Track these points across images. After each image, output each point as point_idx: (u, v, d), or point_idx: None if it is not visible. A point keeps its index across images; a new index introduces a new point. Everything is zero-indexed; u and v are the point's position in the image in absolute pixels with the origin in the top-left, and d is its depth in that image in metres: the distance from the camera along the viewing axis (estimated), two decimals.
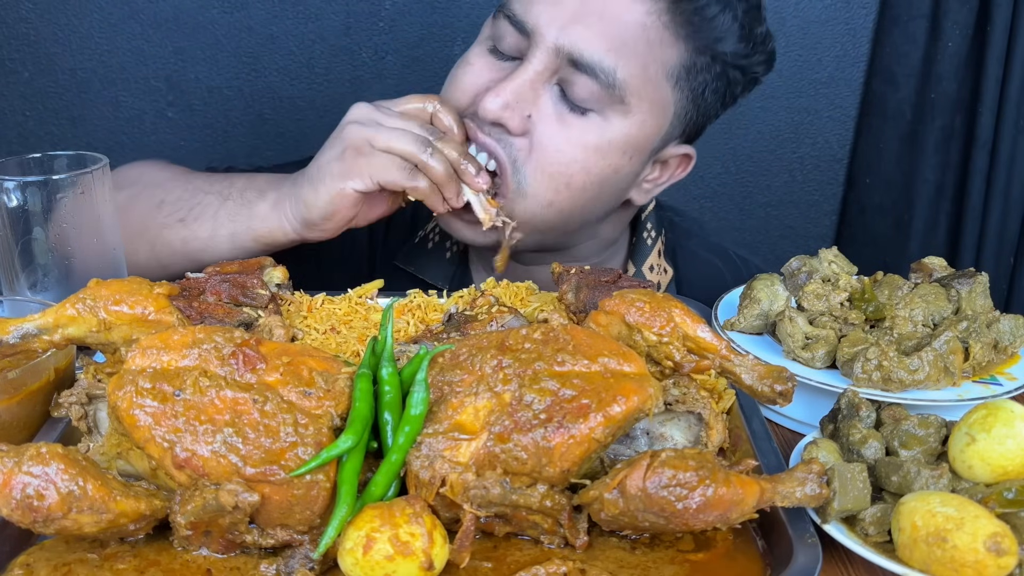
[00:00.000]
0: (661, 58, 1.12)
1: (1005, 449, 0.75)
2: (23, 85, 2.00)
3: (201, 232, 1.16)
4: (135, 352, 0.76)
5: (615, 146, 1.14)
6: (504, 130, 1.12)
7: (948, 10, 2.03)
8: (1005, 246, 2.19)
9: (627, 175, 1.20)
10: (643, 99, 1.13)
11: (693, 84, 1.16)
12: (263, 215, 1.13)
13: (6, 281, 1.03)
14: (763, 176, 2.29)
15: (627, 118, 1.13)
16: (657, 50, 1.11)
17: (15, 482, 0.66)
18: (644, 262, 1.36)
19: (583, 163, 1.14)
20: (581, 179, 1.15)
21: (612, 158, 1.15)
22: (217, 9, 1.98)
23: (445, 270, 1.34)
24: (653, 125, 1.16)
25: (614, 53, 1.09)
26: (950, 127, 2.12)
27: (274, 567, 0.72)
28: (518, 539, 0.75)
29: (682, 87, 1.16)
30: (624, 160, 1.16)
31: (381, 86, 2.06)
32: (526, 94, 1.11)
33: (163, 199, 1.20)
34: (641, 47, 1.10)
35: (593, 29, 1.08)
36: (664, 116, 1.17)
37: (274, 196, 1.14)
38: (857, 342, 0.96)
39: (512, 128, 1.11)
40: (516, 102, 1.10)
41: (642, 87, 1.12)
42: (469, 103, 1.15)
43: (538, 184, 1.14)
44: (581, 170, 1.14)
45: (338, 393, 0.75)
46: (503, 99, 1.10)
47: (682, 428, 0.81)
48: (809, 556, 0.71)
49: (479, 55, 1.18)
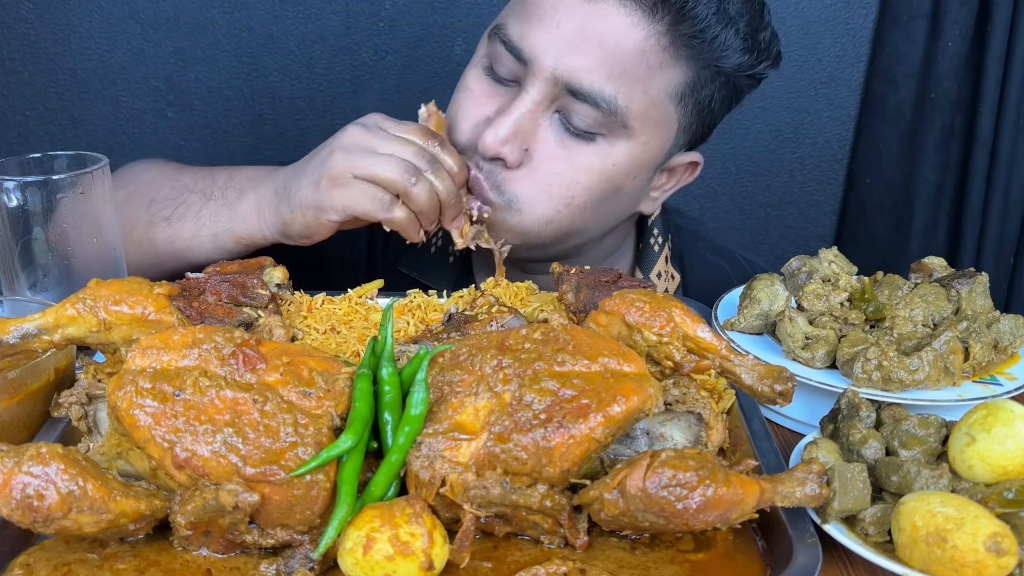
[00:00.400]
0: (663, 80, 1.10)
1: (1005, 449, 0.75)
2: (23, 85, 2.00)
3: (184, 232, 1.16)
4: (135, 352, 0.76)
5: (619, 168, 1.13)
6: (502, 164, 1.11)
7: (948, 10, 2.03)
8: (1005, 246, 2.19)
9: (632, 192, 1.19)
10: (647, 121, 1.11)
11: (698, 98, 1.15)
12: (243, 217, 1.14)
13: (6, 281, 1.03)
14: (763, 176, 2.29)
15: (631, 140, 1.12)
16: (658, 73, 1.09)
17: (15, 482, 0.66)
18: (652, 269, 1.35)
19: (585, 185, 1.13)
20: (583, 199, 1.14)
21: (616, 179, 1.14)
22: (217, 9, 1.98)
23: (448, 274, 1.34)
24: (657, 143, 1.15)
25: (614, 81, 1.07)
26: (950, 127, 2.12)
27: (274, 567, 0.72)
28: (518, 539, 0.75)
29: (686, 104, 1.14)
30: (628, 180, 1.16)
31: (381, 86, 2.06)
32: (525, 126, 1.10)
33: (153, 197, 1.21)
34: (641, 72, 1.08)
35: (591, 57, 1.06)
36: (669, 133, 1.16)
37: (254, 198, 1.13)
38: (857, 342, 0.96)
39: (510, 163, 1.10)
40: (515, 135, 1.09)
41: (645, 110, 1.10)
42: (470, 138, 1.13)
43: (536, 203, 1.12)
44: (583, 191, 1.13)
45: (338, 393, 0.75)
46: (502, 135, 1.08)
47: (682, 428, 0.81)
48: (809, 556, 0.71)
49: (477, 79, 1.16)
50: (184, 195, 1.19)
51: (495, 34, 1.13)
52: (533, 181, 1.12)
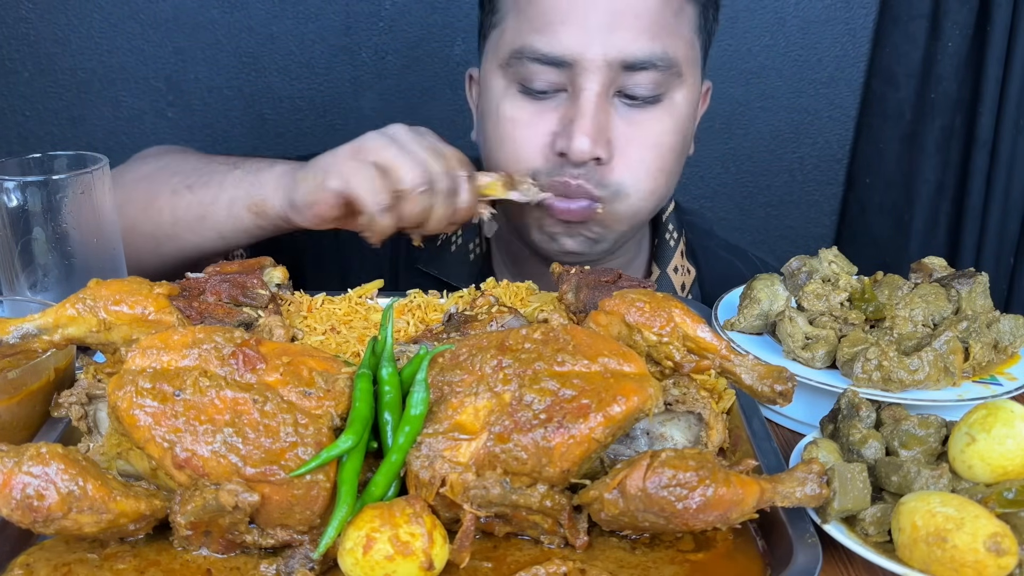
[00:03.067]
0: (686, 19, 1.17)
1: (1005, 449, 0.75)
2: (23, 85, 2.00)
3: (205, 197, 1.16)
4: (135, 352, 0.76)
5: (686, 117, 1.20)
6: (596, 162, 1.14)
7: (948, 10, 2.03)
8: (1005, 246, 2.19)
9: (693, 133, 1.27)
10: (689, 63, 1.18)
11: (706, 23, 1.22)
12: (263, 182, 1.14)
13: (6, 281, 1.03)
14: (763, 176, 2.29)
15: (684, 86, 1.18)
16: (682, 15, 1.16)
17: (15, 482, 0.66)
18: (668, 264, 1.37)
19: (669, 146, 1.18)
20: (671, 160, 1.20)
21: (686, 127, 1.21)
22: (217, 9, 1.98)
23: (469, 271, 1.35)
24: (697, 79, 1.22)
25: (658, 38, 1.12)
26: (950, 127, 2.12)
27: (274, 567, 0.72)
28: (518, 539, 0.75)
29: (701, 33, 1.21)
30: (691, 124, 1.24)
31: (381, 86, 2.06)
32: (602, 120, 1.13)
33: (177, 170, 1.22)
34: (671, 20, 1.14)
35: (631, 28, 1.11)
36: (699, 66, 1.23)
37: (281, 169, 1.14)
38: (857, 342, 0.96)
39: (604, 158, 1.14)
40: (599, 133, 1.12)
41: (687, 53, 1.17)
42: (544, 161, 1.15)
43: (639, 182, 1.17)
44: (670, 152, 1.19)
45: (338, 393, 0.75)
46: (590, 136, 1.11)
47: (682, 428, 0.81)
48: (809, 556, 0.71)
49: (517, 106, 1.17)
50: (212, 166, 1.20)
51: (519, 58, 1.14)
52: (627, 165, 1.16)
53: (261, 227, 1.15)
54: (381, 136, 1.09)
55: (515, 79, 1.16)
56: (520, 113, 1.16)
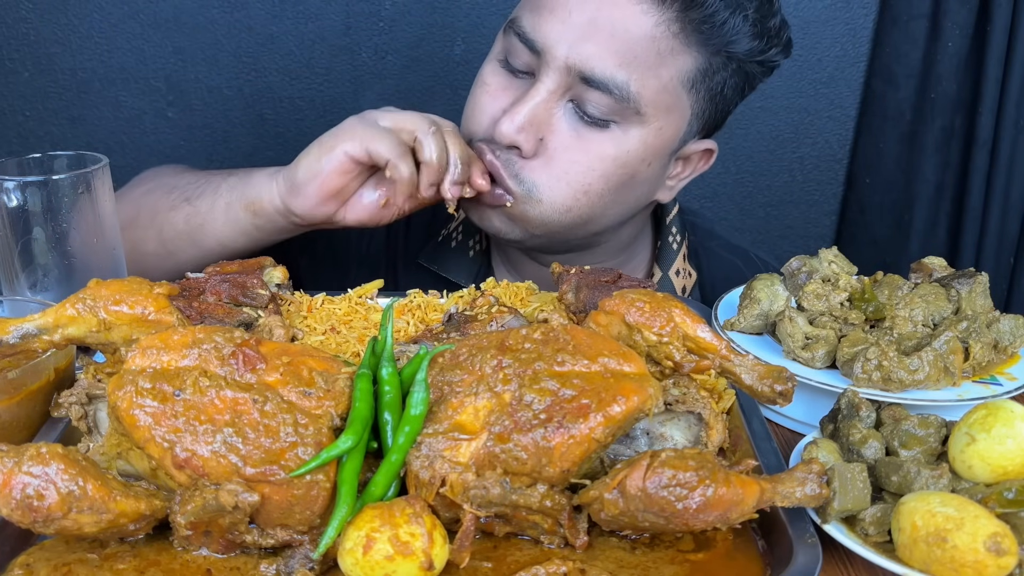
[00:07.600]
0: (674, 67, 1.11)
1: (1005, 449, 0.75)
2: (23, 85, 2.00)
3: (202, 207, 1.18)
4: (135, 352, 0.76)
5: (634, 155, 1.15)
6: (518, 152, 1.13)
7: (948, 10, 2.03)
8: (1005, 246, 2.19)
9: (648, 179, 1.20)
10: (659, 108, 1.13)
11: (710, 85, 1.16)
12: (256, 180, 1.15)
13: (6, 281, 1.03)
14: (763, 176, 2.29)
15: (644, 127, 1.13)
16: (669, 60, 1.11)
17: (15, 482, 0.66)
18: (671, 267, 1.37)
19: (601, 172, 1.14)
20: (600, 187, 1.15)
21: (631, 166, 1.16)
22: (217, 9, 1.98)
23: (469, 268, 1.36)
24: (671, 130, 1.17)
25: (625, 68, 1.08)
26: (950, 127, 2.12)
27: (274, 567, 0.72)
28: (518, 539, 0.75)
29: (698, 90, 1.15)
30: (643, 166, 1.17)
31: (381, 86, 2.06)
32: (540, 115, 1.12)
33: (175, 185, 1.23)
34: (652, 59, 1.09)
35: (603, 46, 1.08)
36: (682, 119, 1.17)
37: (273, 168, 1.16)
38: (857, 342, 0.96)
39: (525, 151, 1.13)
40: (530, 124, 1.11)
41: (657, 96, 1.12)
42: (487, 130, 1.16)
43: (554, 191, 1.15)
44: (600, 178, 1.15)
45: (338, 393, 0.75)
46: (518, 123, 1.11)
47: (682, 428, 0.81)
48: (809, 556, 0.71)
49: (493, 72, 1.19)
50: (207, 178, 1.22)
51: (510, 28, 1.15)
52: (550, 170, 1.14)
53: (259, 227, 1.15)
54: (368, 112, 1.12)
55: (504, 48, 1.17)
56: (493, 79, 1.18)
